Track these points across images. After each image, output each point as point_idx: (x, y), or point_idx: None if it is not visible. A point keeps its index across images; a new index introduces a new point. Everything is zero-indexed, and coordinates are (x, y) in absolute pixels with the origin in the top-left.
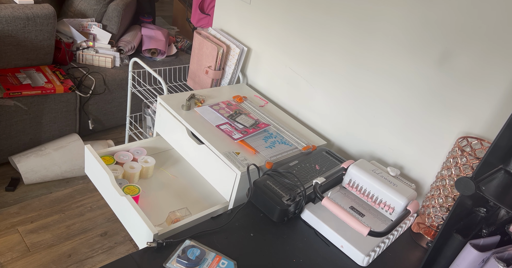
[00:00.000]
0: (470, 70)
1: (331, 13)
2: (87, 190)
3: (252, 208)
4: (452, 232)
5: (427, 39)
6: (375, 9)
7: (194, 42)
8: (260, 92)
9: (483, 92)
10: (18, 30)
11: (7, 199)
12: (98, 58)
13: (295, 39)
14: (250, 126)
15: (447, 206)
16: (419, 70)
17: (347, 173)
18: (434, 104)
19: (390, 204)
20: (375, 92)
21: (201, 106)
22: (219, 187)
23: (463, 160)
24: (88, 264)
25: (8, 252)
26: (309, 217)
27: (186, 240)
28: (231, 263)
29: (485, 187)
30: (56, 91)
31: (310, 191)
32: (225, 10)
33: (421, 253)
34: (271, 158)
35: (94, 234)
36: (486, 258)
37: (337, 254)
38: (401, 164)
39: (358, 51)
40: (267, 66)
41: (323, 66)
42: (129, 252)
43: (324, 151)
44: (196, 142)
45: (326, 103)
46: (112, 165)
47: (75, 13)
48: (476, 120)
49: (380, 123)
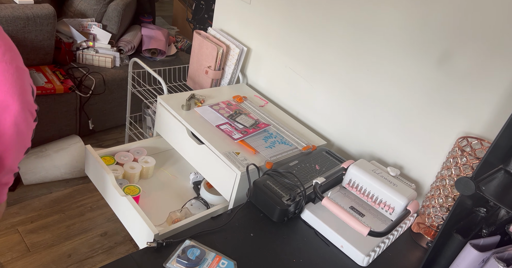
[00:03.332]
0: (470, 70)
1: (331, 13)
2: (87, 190)
3: (252, 208)
4: (452, 232)
5: (427, 39)
6: (375, 9)
7: (194, 42)
8: (260, 92)
9: (483, 92)
10: (18, 30)
11: (7, 199)
12: (98, 58)
13: (295, 39)
14: (250, 126)
15: (447, 206)
16: (419, 70)
17: (347, 173)
18: (434, 104)
19: (390, 204)
20: (375, 92)
21: (201, 106)
22: (219, 187)
23: (463, 160)
24: (88, 264)
25: (8, 252)
26: (309, 217)
27: (186, 240)
28: (231, 263)
29: (485, 187)
30: (56, 91)
31: (310, 191)
32: (225, 10)
33: (421, 253)
34: (271, 158)
35: (94, 234)
36: (486, 258)
37: (337, 254)
38: (401, 164)
39: (358, 51)
40: (267, 66)
41: (323, 66)
42: (129, 252)
43: (324, 151)
44: (196, 142)
45: (326, 103)
46: (112, 165)
47: (75, 13)
48: (476, 120)
49: (380, 123)
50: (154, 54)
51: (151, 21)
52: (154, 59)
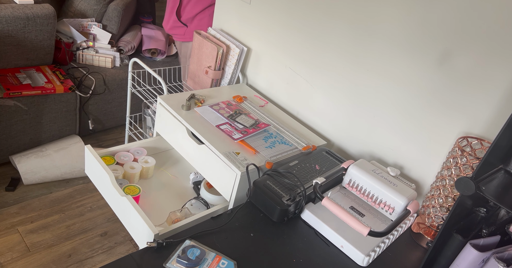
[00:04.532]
0: (470, 70)
1: (331, 13)
2: (87, 190)
3: (252, 208)
4: (452, 232)
5: (427, 39)
6: (375, 9)
7: (193, 42)
8: (260, 92)
9: (483, 92)
10: (18, 30)
11: (7, 199)
12: (98, 58)
13: (295, 39)
14: (250, 126)
15: (447, 206)
16: (419, 70)
17: (347, 173)
18: (434, 104)
19: (390, 204)
20: (375, 92)
21: (201, 106)
22: (219, 187)
23: (463, 160)
24: (88, 264)
25: (8, 252)
26: (309, 217)
27: (186, 240)
28: (231, 263)
29: (485, 187)
30: (56, 91)
31: (310, 191)
32: (225, 10)
33: (421, 253)
34: (271, 158)
35: (94, 234)
36: (486, 258)
37: (337, 254)
38: (401, 164)
39: (358, 51)
40: (267, 66)
41: (323, 66)
42: (129, 252)
43: (324, 151)
44: (196, 142)
45: (326, 103)
46: (112, 165)
47: (75, 13)
48: (476, 120)
49: (380, 123)
50: (154, 54)
51: (151, 21)
52: (154, 59)
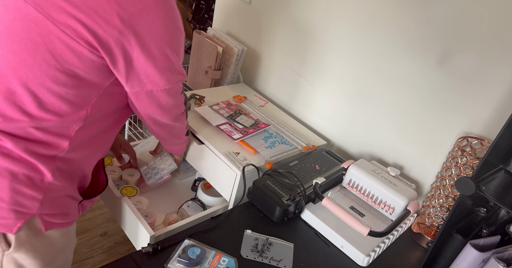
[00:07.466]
0: (470, 70)
1: (331, 13)
2: None
3: (252, 208)
4: (452, 232)
5: (427, 39)
6: (375, 9)
7: (193, 42)
8: (260, 92)
9: (483, 92)
10: None
11: None
12: None
13: (295, 39)
14: (250, 126)
15: (447, 206)
16: (419, 70)
17: (347, 173)
18: (434, 104)
19: (390, 204)
20: (375, 92)
21: (201, 106)
22: (219, 187)
23: (463, 160)
24: (88, 264)
25: None
26: (309, 217)
27: (186, 239)
28: (232, 260)
29: (485, 187)
30: None
31: (310, 191)
32: (225, 10)
33: (421, 253)
34: (271, 158)
35: (94, 234)
36: (486, 258)
37: (337, 254)
38: (401, 164)
39: (358, 51)
40: (267, 66)
41: (323, 66)
42: (129, 252)
43: (324, 151)
44: (196, 142)
45: (326, 103)
46: (110, 165)
47: None
48: (476, 120)
49: (380, 123)
50: None
51: None
52: None
